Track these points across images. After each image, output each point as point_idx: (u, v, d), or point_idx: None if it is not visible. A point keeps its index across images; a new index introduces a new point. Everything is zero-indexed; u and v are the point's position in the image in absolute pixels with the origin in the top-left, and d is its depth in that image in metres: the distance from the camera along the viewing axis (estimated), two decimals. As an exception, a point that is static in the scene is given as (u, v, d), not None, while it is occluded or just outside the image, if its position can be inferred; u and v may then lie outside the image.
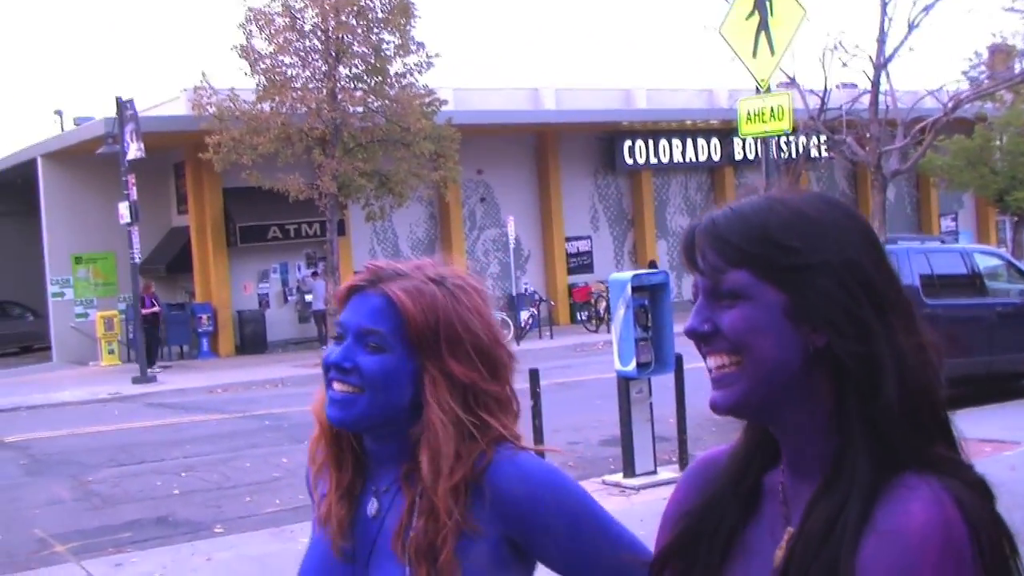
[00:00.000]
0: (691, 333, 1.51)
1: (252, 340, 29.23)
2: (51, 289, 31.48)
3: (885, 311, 1.44)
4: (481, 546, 1.87)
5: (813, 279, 1.44)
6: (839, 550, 1.38)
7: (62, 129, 36.46)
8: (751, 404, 1.48)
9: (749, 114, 11.78)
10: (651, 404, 10.04)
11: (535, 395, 9.90)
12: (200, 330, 29.24)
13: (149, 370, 24.81)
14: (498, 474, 1.88)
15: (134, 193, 24.61)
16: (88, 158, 28.28)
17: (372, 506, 1.97)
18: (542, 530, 1.88)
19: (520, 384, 8.82)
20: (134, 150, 24.38)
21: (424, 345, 1.89)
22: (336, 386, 1.92)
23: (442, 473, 1.86)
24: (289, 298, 31.18)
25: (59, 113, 42.20)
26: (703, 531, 1.59)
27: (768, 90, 11.63)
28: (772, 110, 11.52)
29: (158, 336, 27.71)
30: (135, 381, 23.70)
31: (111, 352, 29.39)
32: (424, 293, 1.91)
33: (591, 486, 10.21)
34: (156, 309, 27.46)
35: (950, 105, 12.81)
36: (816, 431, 1.48)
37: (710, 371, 1.51)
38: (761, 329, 1.45)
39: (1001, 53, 31.32)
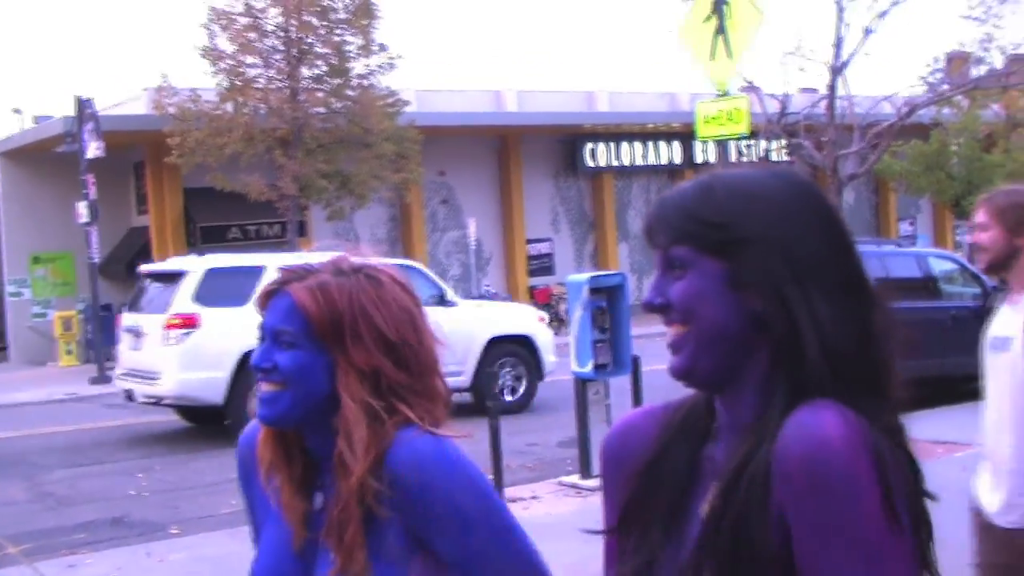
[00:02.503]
0: (647, 306, 1.62)
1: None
2: (8, 289, 31.20)
3: (808, 281, 1.52)
4: (387, 531, 1.92)
5: (742, 251, 1.54)
6: (755, 468, 1.47)
7: (21, 127, 36.14)
8: (700, 368, 1.58)
9: (707, 117, 11.85)
10: (608, 405, 10.08)
11: (492, 396, 9.92)
12: (159, 331, 29.00)
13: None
14: (393, 458, 1.92)
15: (93, 192, 24.44)
16: (47, 157, 28.08)
17: (318, 500, 2.03)
18: (433, 521, 1.91)
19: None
20: (93, 149, 24.21)
21: (329, 339, 1.97)
22: (263, 386, 2.00)
23: (357, 455, 1.91)
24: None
25: (18, 111, 41.89)
26: (645, 513, 1.64)
27: (726, 93, 11.71)
28: (729, 113, 11.60)
29: None
30: (93, 382, 23.52)
31: (69, 352, 29.14)
32: (326, 290, 1.98)
33: (548, 487, 10.24)
34: None
35: (905, 110, 12.93)
36: (751, 394, 1.56)
37: (668, 339, 1.62)
38: (704, 296, 1.56)
39: (958, 59, 31.67)
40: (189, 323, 14.39)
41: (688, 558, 1.53)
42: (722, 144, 12.23)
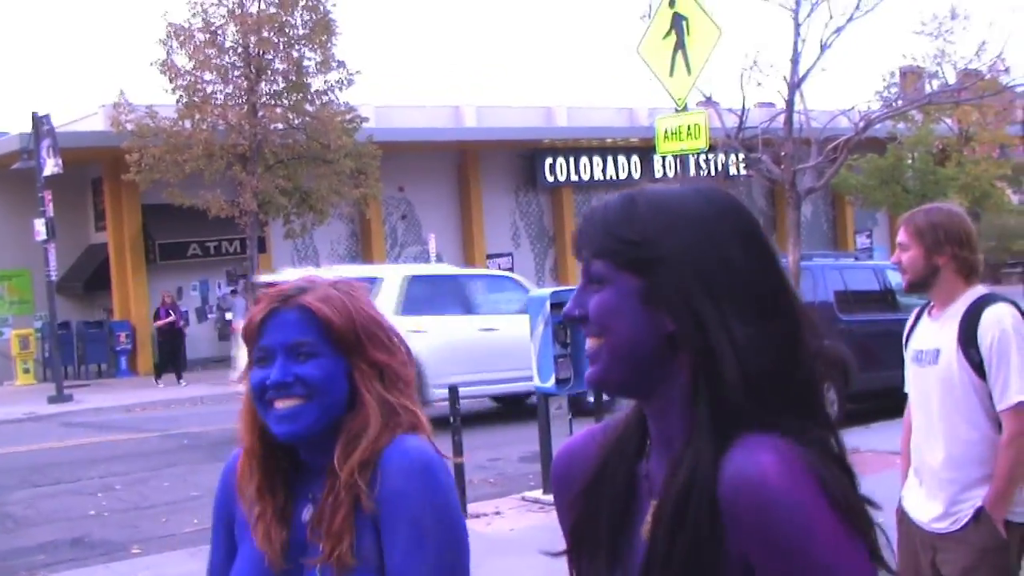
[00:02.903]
0: (566, 316, 1.65)
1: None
2: (-36, 307, 30.87)
3: (724, 302, 1.53)
4: (364, 533, 1.94)
5: (657, 270, 1.55)
6: (697, 514, 1.48)
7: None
8: (613, 380, 1.61)
9: (666, 132, 11.92)
10: (571, 420, 10.11)
11: (455, 411, 9.92)
12: (118, 348, 28.84)
13: (180, 382, 25.10)
14: (387, 458, 1.96)
15: (50, 210, 24.23)
16: (3, 173, 27.83)
17: (307, 512, 2.03)
18: (396, 525, 1.92)
19: (439, 400, 8.83)
20: (51, 166, 24.02)
21: (348, 344, 2.01)
22: (279, 404, 1.99)
23: (359, 447, 1.96)
24: (209, 316, 30.89)
25: (-28, 128, 41.43)
26: (588, 531, 1.66)
27: (685, 108, 11.79)
28: (689, 128, 11.66)
29: (176, 347, 26.59)
30: (51, 400, 23.30)
31: (27, 371, 28.85)
32: (332, 297, 2.03)
33: (510, 502, 10.25)
34: (172, 319, 26.31)
35: (861, 124, 13.06)
36: (677, 409, 1.57)
37: (586, 351, 1.64)
38: (618, 312, 1.58)
39: (912, 75, 32.02)
40: None
41: None
42: (682, 159, 12.29)
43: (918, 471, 4.17)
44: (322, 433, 2.00)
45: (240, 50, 26.28)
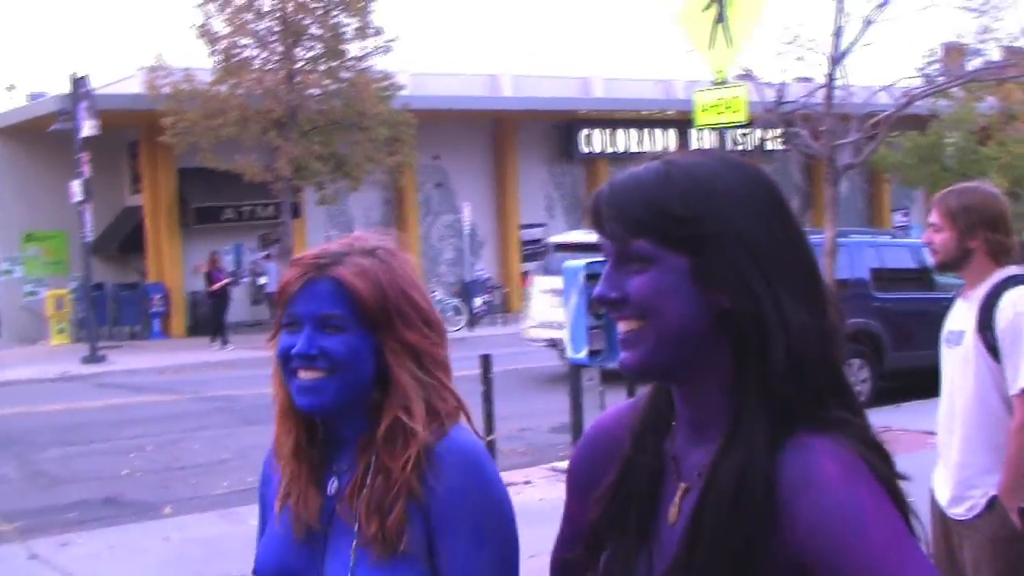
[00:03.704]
0: (600, 299, 1.56)
1: (204, 321, 28.97)
2: (0, 267, 31.12)
3: (774, 279, 1.48)
4: (422, 519, 1.90)
5: (708, 247, 1.49)
6: (752, 507, 1.43)
7: (15, 104, 35.99)
8: (657, 365, 1.54)
9: (704, 105, 11.83)
10: (602, 392, 10.09)
11: (487, 381, 9.92)
12: (152, 311, 29.03)
13: (226, 344, 25.20)
14: (447, 452, 1.92)
15: (87, 171, 24.35)
16: (41, 135, 27.95)
17: (333, 485, 2.01)
18: (455, 521, 1.89)
19: (472, 370, 8.81)
20: (88, 128, 24.11)
21: (378, 320, 1.96)
22: (303, 374, 1.96)
23: (418, 428, 1.92)
24: (242, 280, 31.03)
25: (12, 88, 41.73)
26: (619, 512, 1.62)
27: (724, 82, 11.69)
28: (728, 102, 11.57)
29: (224, 309, 26.72)
30: (85, 361, 23.50)
31: (61, 331, 29.08)
32: (368, 271, 1.97)
33: (540, 472, 10.26)
34: (226, 281, 26.60)
35: (902, 101, 12.91)
36: (717, 391, 1.53)
37: (620, 334, 1.56)
38: (667, 292, 1.50)
39: (955, 51, 31.61)
40: None
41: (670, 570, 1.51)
42: (719, 133, 12.20)
43: (941, 453, 4.14)
44: (346, 407, 1.98)
45: (278, 15, 26.23)
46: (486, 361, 9.98)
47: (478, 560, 1.88)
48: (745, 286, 1.47)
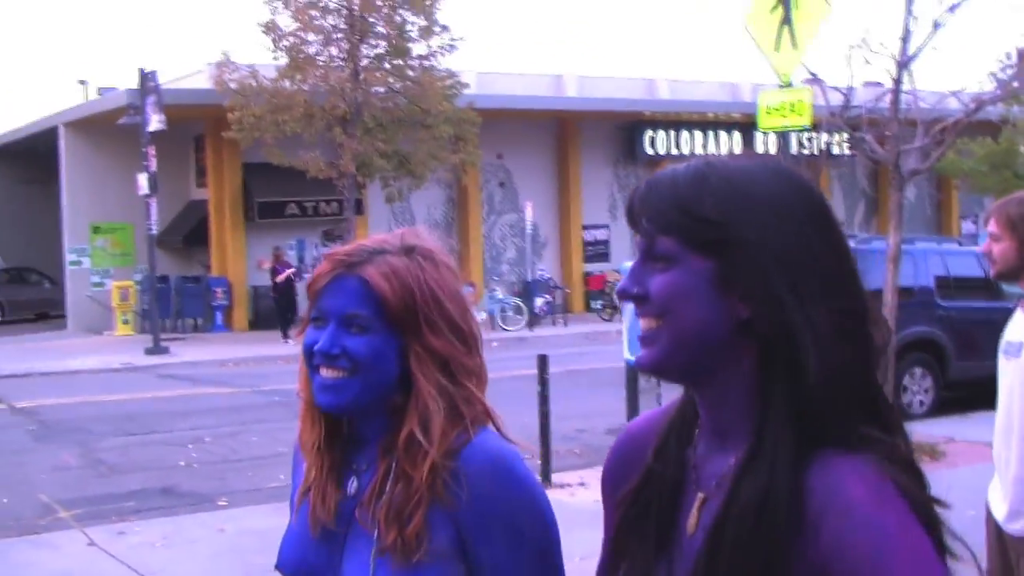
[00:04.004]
0: (621, 293, 1.53)
1: (266, 315, 29.21)
2: (68, 257, 31.58)
3: (806, 292, 1.43)
4: (440, 528, 1.87)
5: (734, 252, 1.44)
6: (775, 526, 1.39)
7: (86, 98, 36.49)
8: (672, 366, 1.51)
9: (768, 108, 11.72)
10: (659, 394, 10.01)
11: (543, 381, 9.89)
12: (215, 304, 29.31)
13: (287, 339, 25.12)
14: (471, 458, 1.88)
15: (153, 164, 24.66)
16: (109, 128, 28.32)
17: (352, 485, 1.99)
18: (488, 527, 1.86)
19: (530, 370, 8.78)
20: (155, 122, 24.42)
21: (404, 324, 1.92)
22: (324, 372, 1.93)
23: (433, 440, 1.87)
24: (304, 275, 31.22)
25: (84, 82, 42.22)
26: (638, 520, 1.59)
27: (789, 85, 11.56)
28: (792, 105, 11.45)
29: (290, 304, 26.98)
30: (148, 352, 23.80)
31: (125, 322, 29.48)
32: (398, 272, 1.92)
33: (595, 474, 10.19)
34: (291, 271, 26.98)
35: (972, 106, 12.69)
36: (739, 399, 1.48)
37: (640, 331, 1.53)
38: (686, 294, 1.47)
39: (1029, 56, 31.05)
40: None
41: None
42: (783, 136, 12.08)
43: (997, 467, 4.02)
44: (367, 408, 1.95)
45: (344, 12, 26.38)
46: (543, 361, 9.95)
47: (517, 561, 1.86)
48: (769, 296, 1.43)
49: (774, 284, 1.43)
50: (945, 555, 1.40)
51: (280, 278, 26.56)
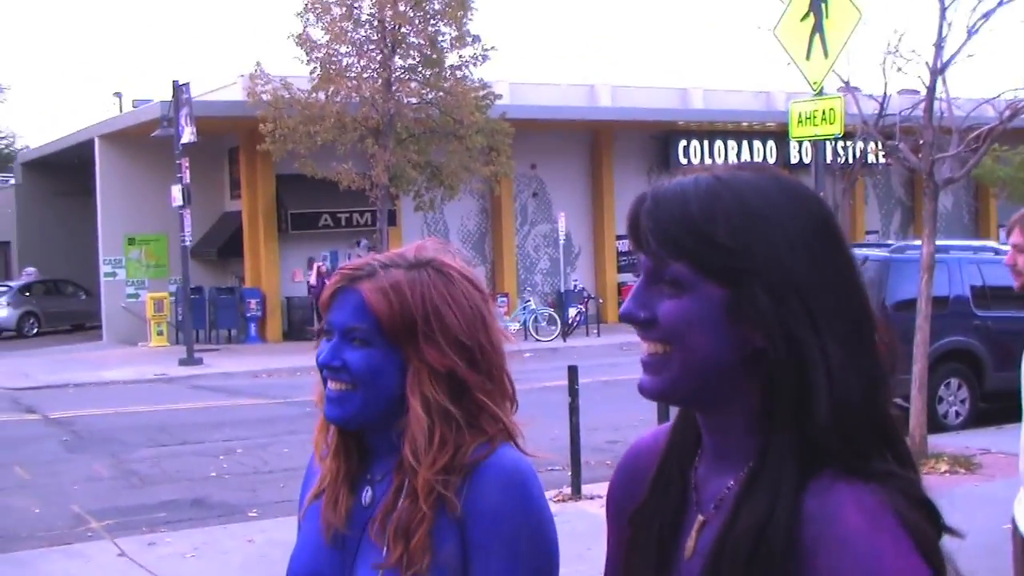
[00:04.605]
0: (627, 317, 1.47)
1: (299, 326, 29.29)
2: (104, 269, 31.82)
3: (820, 322, 1.37)
4: (447, 540, 1.85)
5: (749, 281, 1.38)
6: (772, 556, 1.34)
7: (121, 111, 36.78)
8: (678, 393, 1.46)
9: (800, 117, 11.66)
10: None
11: (573, 392, 9.84)
12: (248, 315, 29.44)
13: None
14: (485, 474, 1.86)
15: (187, 176, 24.80)
16: (144, 140, 28.53)
17: (367, 495, 1.98)
18: (484, 547, 1.84)
19: (562, 380, 8.73)
20: (188, 134, 24.57)
21: (401, 338, 1.90)
22: (331, 384, 1.95)
23: (422, 461, 1.86)
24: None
25: (118, 95, 42.59)
26: (640, 541, 1.55)
27: (821, 93, 11.49)
28: (824, 113, 11.38)
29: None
30: (182, 363, 23.91)
31: (160, 333, 29.63)
32: (398, 287, 1.91)
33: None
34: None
35: (1008, 114, 12.55)
36: (742, 424, 1.44)
37: (643, 355, 1.48)
38: (699, 323, 1.40)
39: (1066, 63, 30.70)
40: None
41: None
42: (816, 144, 11.99)
43: (1022, 481, 3.94)
44: (375, 422, 1.94)
45: (376, 24, 26.47)
46: (573, 372, 9.90)
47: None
48: (783, 327, 1.37)
49: (789, 315, 1.37)
50: None
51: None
